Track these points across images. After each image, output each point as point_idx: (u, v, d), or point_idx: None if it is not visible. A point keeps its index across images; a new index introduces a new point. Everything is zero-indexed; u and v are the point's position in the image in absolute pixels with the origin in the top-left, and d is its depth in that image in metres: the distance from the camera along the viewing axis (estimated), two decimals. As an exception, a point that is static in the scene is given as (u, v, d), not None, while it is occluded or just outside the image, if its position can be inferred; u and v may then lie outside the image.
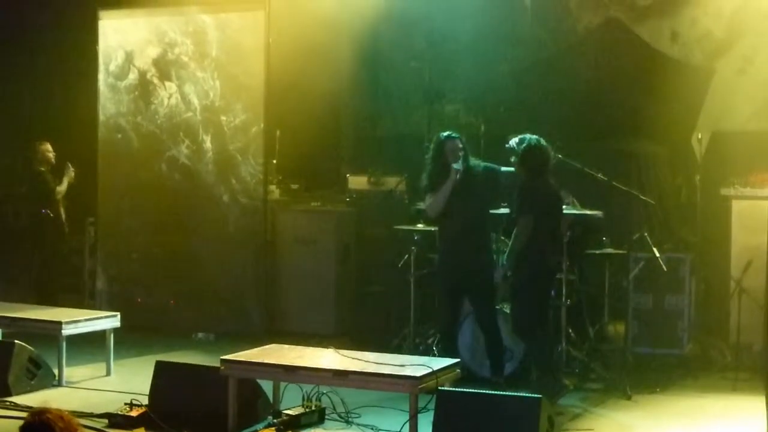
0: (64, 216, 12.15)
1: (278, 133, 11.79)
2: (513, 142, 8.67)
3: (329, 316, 11.43)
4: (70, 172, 12.11)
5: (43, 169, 12.09)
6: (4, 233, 13.97)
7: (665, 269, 9.41)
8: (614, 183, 9.33)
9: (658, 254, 9.23)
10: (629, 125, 11.39)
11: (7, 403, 8.23)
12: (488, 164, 9.01)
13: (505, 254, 8.74)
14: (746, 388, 9.01)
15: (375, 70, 12.79)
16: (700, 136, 10.65)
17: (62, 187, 12.06)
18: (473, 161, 8.94)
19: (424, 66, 11.93)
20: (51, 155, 12.14)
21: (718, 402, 8.67)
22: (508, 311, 9.22)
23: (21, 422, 4.44)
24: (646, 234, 9.38)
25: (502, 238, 9.63)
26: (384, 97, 12.83)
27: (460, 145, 8.83)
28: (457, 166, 8.67)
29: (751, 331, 9.68)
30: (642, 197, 9.52)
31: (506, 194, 9.09)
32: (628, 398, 8.66)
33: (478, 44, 11.98)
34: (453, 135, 8.91)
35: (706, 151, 10.73)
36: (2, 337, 9.87)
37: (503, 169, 8.91)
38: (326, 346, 7.99)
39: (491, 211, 9.14)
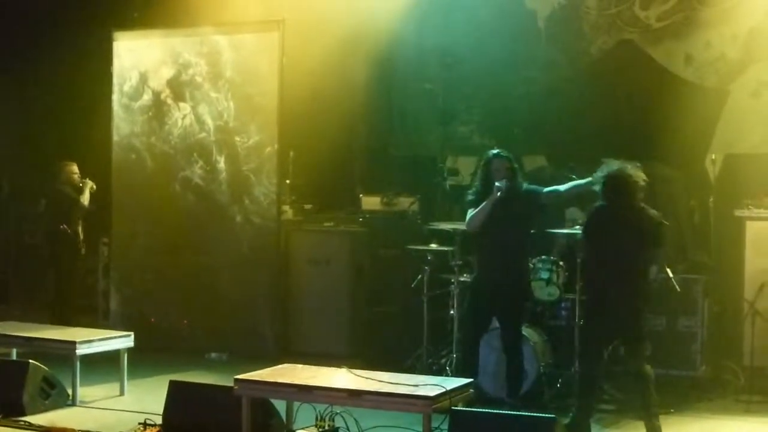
0: (82, 235, 12.17)
1: (292, 153, 11.82)
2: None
3: (342, 336, 11.41)
4: (90, 184, 12.13)
5: (64, 187, 12.12)
6: (20, 252, 14.01)
7: (679, 290, 9.38)
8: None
9: (671, 275, 9.21)
10: (643, 147, 11.33)
11: (22, 423, 8.25)
12: (531, 186, 9.02)
13: None
14: (760, 410, 9.02)
15: (389, 91, 12.81)
16: (714, 158, 10.66)
17: (85, 197, 12.06)
18: (521, 182, 8.95)
19: (437, 88, 11.95)
20: (76, 176, 12.17)
21: (731, 424, 8.66)
22: (524, 333, 9.22)
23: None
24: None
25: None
26: (398, 118, 12.85)
27: (508, 165, 8.84)
28: (500, 184, 8.68)
29: (765, 353, 9.66)
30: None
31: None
32: (669, 413, 8.63)
33: (491, 66, 12.00)
34: (502, 154, 8.94)
35: (719, 173, 10.73)
36: (17, 356, 9.91)
37: (546, 190, 8.90)
38: (340, 366, 7.98)
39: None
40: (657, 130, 11.04)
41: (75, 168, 12.22)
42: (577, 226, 9.44)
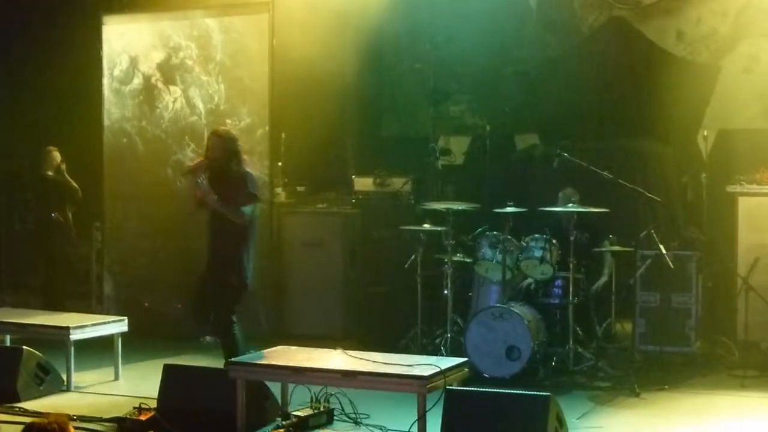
0: (71, 220, 12.15)
1: (284, 135, 11.79)
2: None
3: (336, 318, 11.41)
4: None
5: (50, 173, 12.10)
6: (11, 239, 13.99)
7: (672, 266, 9.39)
8: (620, 180, 9.34)
9: (665, 251, 9.22)
10: (635, 124, 11.38)
11: (17, 409, 8.22)
12: (246, 169, 8.85)
13: None
14: (754, 385, 9.02)
15: (379, 71, 12.78)
16: (706, 134, 10.66)
17: (51, 172, 12.06)
18: (235, 163, 8.76)
19: (428, 68, 11.92)
20: (58, 160, 12.14)
21: (726, 399, 8.66)
22: (517, 310, 9.24)
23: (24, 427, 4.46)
24: (653, 231, 9.36)
25: (509, 237, 9.65)
26: (389, 99, 12.83)
27: (220, 143, 8.73)
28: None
29: (759, 328, 9.69)
30: (648, 194, 9.51)
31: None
32: (637, 396, 8.65)
33: (482, 46, 11.98)
34: (219, 131, 8.94)
35: (712, 149, 10.74)
36: (10, 343, 9.88)
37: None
38: (334, 348, 7.98)
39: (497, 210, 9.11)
40: (649, 107, 11.06)
41: (55, 152, 12.18)
42: (570, 204, 9.45)
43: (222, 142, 8.71)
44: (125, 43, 12.24)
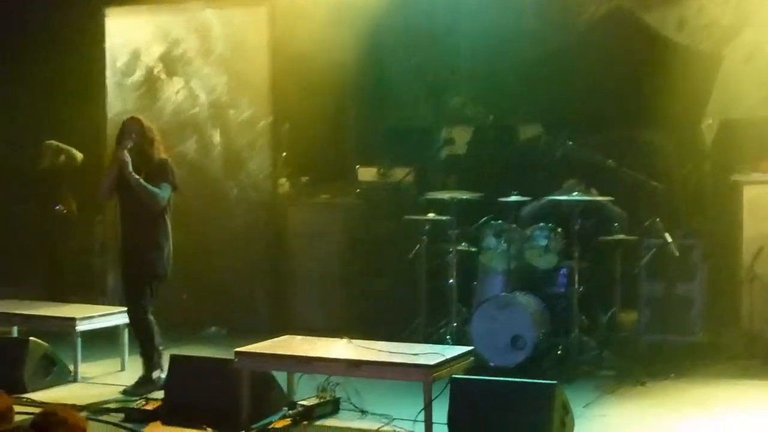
0: (76, 211, 12.16)
1: (287, 126, 11.80)
2: None
3: (340, 308, 11.41)
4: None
5: (49, 166, 12.09)
6: (12, 232, 13.96)
7: (677, 254, 9.39)
8: (624, 169, 9.34)
9: (670, 239, 9.22)
10: (637, 113, 11.36)
11: (24, 399, 8.24)
12: (164, 157, 8.80)
13: None
14: (758, 374, 9.03)
15: (381, 62, 12.76)
16: (710, 123, 10.65)
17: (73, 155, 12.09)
18: (152, 150, 8.72)
19: (428, 59, 11.92)
20: (57, 152, 12.14)
21: (730, 389, 8.66)
22: (521, 300, 9.24)
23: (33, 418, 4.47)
24: (657, 219, 9.36)
25: (513, 226, 9.65)
26: (390, 90, 12.81)
27: (138, 127, 8.63)
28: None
29: (763, 317, 9.68)
30: (651, 183, 9.51)
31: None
32: (642, 385, 8.66)
33: (482, 36, 11.94)
34: (135, 116, 8.89)
35: (715, 138, 10.73)
36: (17, 334, 9.89)
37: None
38: (340, 338, 7.99)
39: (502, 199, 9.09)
40: (651, 96, 11.03)
41: (55, 145, 12.20)
42: (575, 193, 9.44)
43: (141, 129, 8.61)
44: (127, 36, 12.25)
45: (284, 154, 11.82)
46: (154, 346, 8.71)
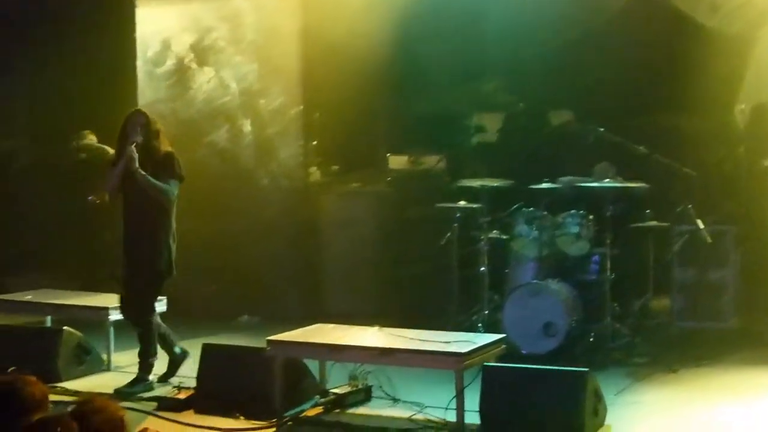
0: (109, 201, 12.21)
1: (317, 114, 11.80)
2: None
3: (371, 296, 11.41)
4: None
5: (84, 156, 12.15)
6: (47, 222, 14.04)
7: (710, 241, 9.34)
8: (655, 155, 9.29)
9: (702, 225, 9.17)
10: (669, 99, 11.29)
11: (58, 389, 8.29)
12: (170, 150, 8.64)
13: None
14: (793, 360, 8.99)
15: (411, 49, 12.72)
16: (743, 107, 10.57)
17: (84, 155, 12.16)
18: (159, 143, 8.57)
19: (459, 46, 11.88)
20: (93, 143, 12.21)
21: (763, 375, 8.63)
22: (553, 287, 9.23)
23: (72, 407, 4.50)
24: (690, 206, 9.31)
25: (544, 213, 9.62)
26: (421, 77, 12.77)
27: (144, 121, 8.46)
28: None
29: (797, 304, 9.62)
30: (684, 169, 9.47)
31: None
32: (674, 372, 8.63)
33: (512, 22, 11.89)
34: (140, 109, 8.81)
35: (748, 122, 10.63)
36: (51, 324, 9.96)
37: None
38: (372, 326, 8.00)
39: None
40: (683, 81, 10.94)
41: (90, 136, 12.25)
42: (607, 180, 9.41)
43: (146, 122, 8.45)
44: (158, 25, 12.27)
45: (315, 142, 11.84)
46: (154, 348, 8.60)
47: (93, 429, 4.64)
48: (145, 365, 8.56)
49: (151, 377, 8.53)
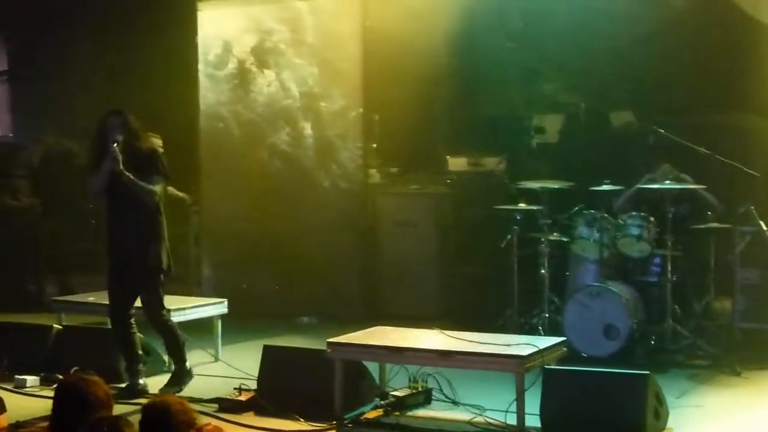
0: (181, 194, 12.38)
1: (377, 117, 11.83)
2: None
3: (431, 298, 11.44)
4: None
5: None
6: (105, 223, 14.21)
7: (774, 242, 9.23)
8: (718, 156, 9.21)
9: (765, 227, 9.07)
10: (732, 98, 11.19)
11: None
12: (153, 148, 8.61)
13: None
14: None
15: (472, 50, 12.71)
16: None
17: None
18: (140, 142, 8.44)
19: (520, 46, 11.85)
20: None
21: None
22: (614, 289, 9.17)
23: (134, 407, 4.55)
24: (752, 207, 9.21)
25: (605, 215, 9.57)
26: (481, 78, 12.76)
27: (123, 121, 8.25)
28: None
29: None
30: (746, 170, 9.38)
31: None
32: (738, 375, 8.55)
33: (574, 22, 11.84)
34: (117, 110, 8.37)
35: (814, 122, 10.50)
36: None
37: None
38: (431, 328, 8.00)
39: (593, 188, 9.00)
40: (747, 80, 10.83)
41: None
42: (667, 182, 9.34)
43: (125, 122, 8.29)
44: (219, 28, 12.36)
45: (374, 144, 11.87)
46: (179, 337, 8.63)
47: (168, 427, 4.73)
48: (180, 356, 8.63)
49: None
